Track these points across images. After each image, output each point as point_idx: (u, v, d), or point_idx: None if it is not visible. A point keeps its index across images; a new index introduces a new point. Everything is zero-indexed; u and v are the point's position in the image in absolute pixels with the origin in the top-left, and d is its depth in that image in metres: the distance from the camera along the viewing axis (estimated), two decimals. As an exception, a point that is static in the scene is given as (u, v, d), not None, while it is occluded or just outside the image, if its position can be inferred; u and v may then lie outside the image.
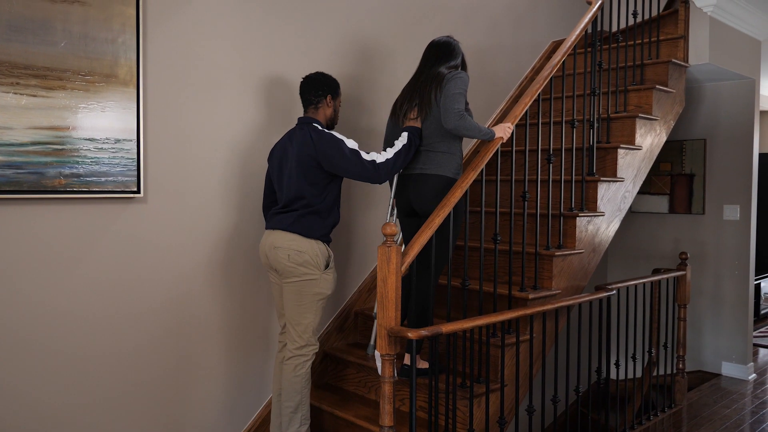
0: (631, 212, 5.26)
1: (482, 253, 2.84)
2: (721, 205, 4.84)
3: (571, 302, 2.94)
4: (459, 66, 2.99)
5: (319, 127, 2.81)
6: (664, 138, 3.97)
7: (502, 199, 3.61)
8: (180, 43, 2.87)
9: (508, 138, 2.89)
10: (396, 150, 2.80)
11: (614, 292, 3.22)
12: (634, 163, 3.69)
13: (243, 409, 3.19)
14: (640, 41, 4.06)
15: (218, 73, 3.01)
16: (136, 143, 2.71)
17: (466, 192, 2.69)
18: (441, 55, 2.95)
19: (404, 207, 2.99)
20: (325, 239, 2.82)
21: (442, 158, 2.85)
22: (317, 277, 2.78)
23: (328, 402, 3.16)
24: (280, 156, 2.88)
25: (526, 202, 3.01)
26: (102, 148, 2.62)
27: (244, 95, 3.11)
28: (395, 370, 2.31)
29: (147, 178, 2.79)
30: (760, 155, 6.64)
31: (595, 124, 3.48)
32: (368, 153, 2.78)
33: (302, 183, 2.76)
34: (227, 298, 3.10)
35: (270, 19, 3.18)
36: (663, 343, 4.17)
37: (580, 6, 4.92)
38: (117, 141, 2.66)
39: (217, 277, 3.06)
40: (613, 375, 4.95)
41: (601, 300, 3.22)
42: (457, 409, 2.70)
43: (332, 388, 3.37)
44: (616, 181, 3.53)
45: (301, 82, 2.92)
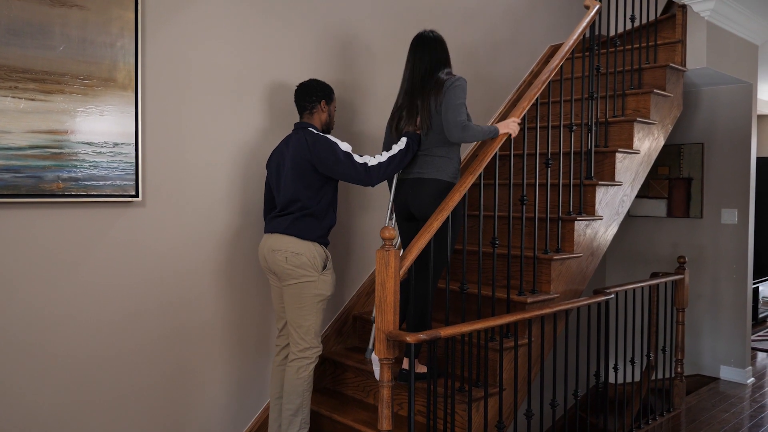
0: (630, 216, 5.26)
1: (481, 257, 2.85)
2: (719, 208, 4.85)
3: (569, 306, 2.94)
4: (449, 65, 2.94)
5: (314, 131, 2.83)
6: (662, 142, 3.97)
7: (501, 203, 3.61)
8: (179, 47, 2.88)
9: (512, 134, 2.89)
10: (391, 154, 2.81)
11: (612, 295, 3.22)
12: (632, 167, 3.69)
13: (242, 412, 3.19)
14: (638, 45, 4.07)
15: (217, 77, 3.01)
16: (134, 147, 2.71)
17: (465, 196, 2.70)
18: (432, 56, 2.89)
19: (402, 211, 2.99)
20: (322, 241, 2.83)
21: (439, 162, 2.85)
22: (315, 279, 2.78)
23: (327, 406, 3.16)
24: (277, 162, 2.90)
25: (524, 206, 3.01)
26: (100, 152, 2.62)
27: (243, 99, 3.11)
28: (393, 375, 2.31)
29: (145, 182, 2.79)
30: (758, 159, 6.65)
31: (593, 128, 3.48)
32: (362, 156, 2.80)
33: (297, 186, 2.78)
34: (226, 302, 3.10)
35: (268, 24, 3.19)
36: (661, 346, 4.17)
37: (578, 10, 4.93)
38: (115, 145, 2.66)
39: (216, 280, 3.05)
40: (611, 379, 4.95)
41: (599, 304, 3.22)
42: (455, 413, 2.69)
43: (331, 392, 3.37)
44: (614, 185, 3.53)
45: (296, 89, 2.95)
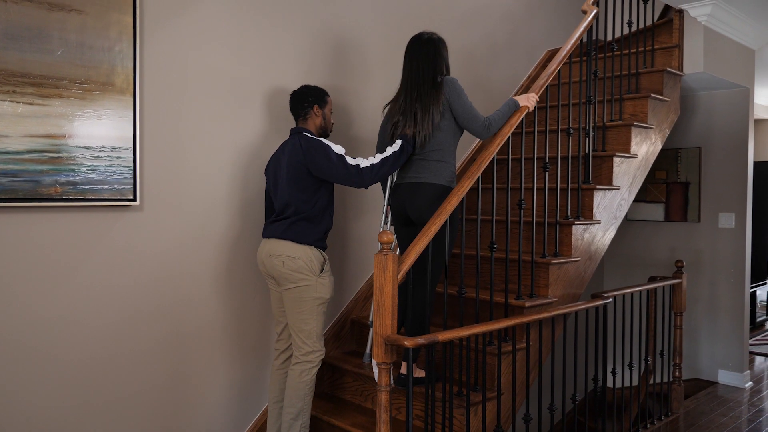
0: (627, 220, 5.27)
1: (479, 261, 2.85)
2: (717, 213, 4.86)
3: (567, 310, 2.94)
4: (447, 66, 2.94)
5: (309, 136, 2.86)
6: (659, 146, 3.98)
7: (499, 207, 3.61)
8: (177, 51, 2.88)
9: (529, 108, 2.95)
10: (384, 156, 2.82)
11: (610, 300, 3.22)
12: (630, 171, 3.70)
13: (240, 415, 3.18)
14: (635, 50, 4.09)
15: (215, 81, 3.02)
16: (132, 151, 2.71)
17: (462, 200, 2.70)
18: (430, 55, 2.87)
19: (400, 216, 2.99)
20: (319, 245, 2.83)
21: (436, 166, 2.85)
22: (313, 282, 2.79)
23: (325, 410, 3.15)
24: (274, 167, 2.92)
25: (522, 210, 3.02)
26: (98, 156, 2.62)
27: (241, 103, 3.12)
28: (392, 379, 2.31)
29: (143, 186, 2.79)
30: (755, 163, 6.67)
31: (591, 133, 3.49)
32: (355, 158, 2.82)
33: (292, 190, 2.79)
34: (225, 306, 3.09)
35: (266, 28, 3.19)
36: (659, 351, 4.17)
37: (576, 15, 4.95)
38: (113, 149, 2.66)
39: (215, 284, 3.05)
40: (609, 383, 4.95)
41: (597, 308, 3.22)
42: (453, 417, 2.69)
43: (328, 397, 3.36)
44: (612, 189, 3.54)
45: (289, 98, 2.98)
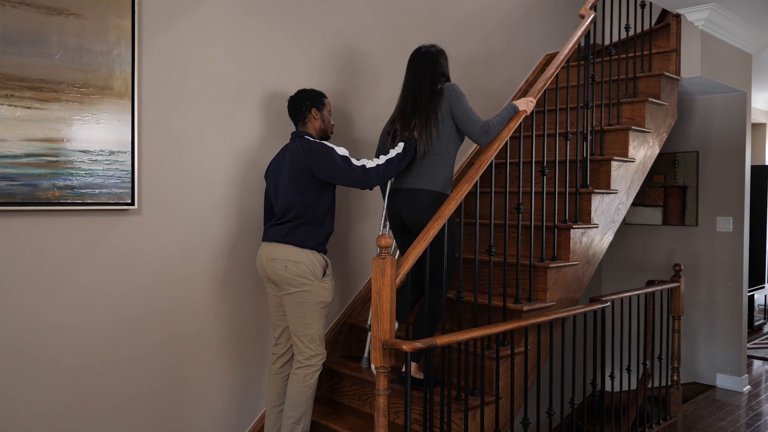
0: (625, 224, 5.28)
1: (477, 265, 2.84)
2: (714, 216, 4.86)
3: (565, 314, 2.94)
4: (447, 75, 2.98)
5: (310, 139, 2.86)
6: (657, 150, 3.99)
7: (497, 211, 3.61)
8: (175, 55, 2.88)
9: (527, 112, 2.97)
10: (389, 157, 2.83)
11: (608, 303, 3.22)
12: (628, 175, 3.71)
13: (238, 421, 3.17)
14: (633, 54, 4.10)
15: (213, 85, 3.02)
16: (130, 155, 2.70)
17: (461, 203, 2.70)
18: (430, 67, 2.91)
19: (396, 222, 3.00)
20: (320, 249, 2.83)
21: (432, 172, 2.86)
22: (315, 287, 2.79)
23: (323, 414, 3.14)
24: (275, 171, 2.91)
25: (520, 214, 3.02)
26: (96, 160, 2.62)
27: (240, 107, 3.12)
28: (389, 380, 2.30)
29: (141, 190, 2.79)
30: (752, 167, 6.69)
31: (589, 137, 3.50)
32: (359, 159, 2.82)
33: (294, 193, 2.79)
34: (222, 310, 3.09)
35: (266, 32, 3.20)
36: (657, 354, 4.17)
37: (573, 19, 4.96)
38: (111, 153, 2.66)
39: (213, 288, 3.05)
40: (608, 387, 4.94)
41: (595, 312, 3.22)
42: (452, 422, 2.68)
43: (327, 401, 3.35)
44: (610, 193, 3.54)
45: (287, 103, 2.98)
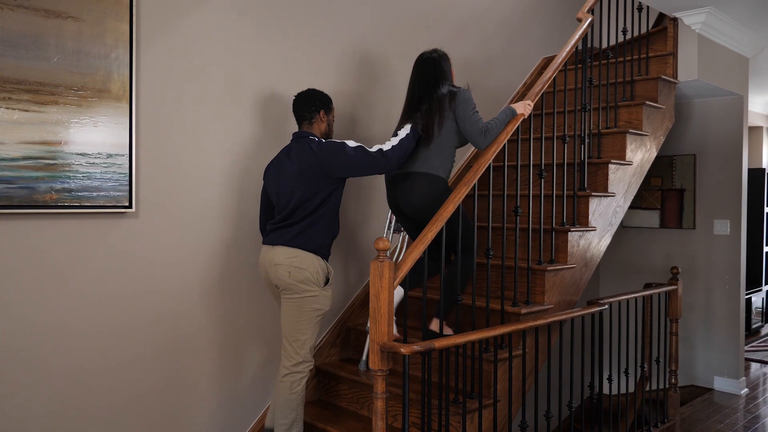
0: (623, 227, 5.29)
1: (475, 268, 2.85)
2: (712, 219, 4.87)
3: (563, 317, 2.94)
4: (451, 78, 3.02)
5: (317, 139, 2.84)
6: (654, 153, 4.00)
7: (495, 214, 3.62)
8: (173, 58, 2.88)
9: (524, 115, 2.96)
10: (400, 138, 2.85)
11: (606, 306, 3.22)
12: (625, 178, 3.71)
13: (236, 424, 3.16)
14: (630, 58, 4.11)
15: (212, 88, 3.02)
16: (128, 158, 2.70)
17: (458, 207, 2.70)
18: (433, 71, 2.96)
19: (397, 211, 3.04)
20: (325, 253, 2.82)
21: (428, 157, 2.89)
22: (317, 294, 2.78)
23: (320, 418, 3.14)
24: (277, 172, 2.88)
25: (518, 217, 3.02)
26: (94, 163, 2.61)
27: (238, 110, 3.12)
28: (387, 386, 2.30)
29: (139, 193, 2.78)
30: (749, 170, 6.70)
31: (586, 140, 3.50)
32: (370, 147, 2.83)
33: (304, 195, 2.76)
34: (220, 313, 3.08)
35: (264, 35, 3.20)
36: (655, 357, 4.17)
37: (571, 23, 4.97)
38: (109, 156, 2.65)
39: (211, 292, 3.04)
40: (606, 390, 4.94)
41: (593, 315, 3.22)
42: (450, 425, 2.68)
43: (325, 404, 3.35)
44: (608, 196, 3.55)
45: (294, 99, 2.94)
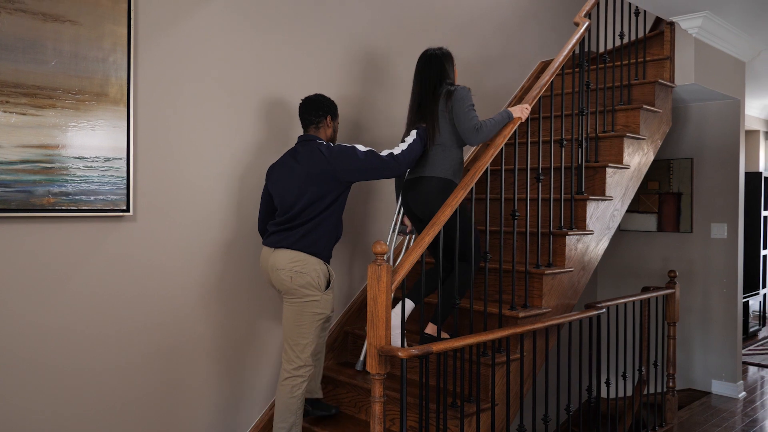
0: (620, 230, 5.29)
1: (473, 272, 2.85)
2: (709, 223, 4.88)
3: (561, 321, 2.94)
4: (453, 76, 3.05)
5: (325, 143, 2.85)
6: (651, 157, 4.01)
7: (492, 217, 3.62)
8: (171, 62, 2.88)
9: (521, 119, 2.97)
10: (408, 143, 2.88)
11: (604, 310, 3.23)
12: (623, 181, 3.72)
13: (234, 428, 3.15)
14: (627, 62, 4.12)
15: (210, 92, 3.02)
16: (126, 162, 2.70)
17: (456, 210, 2.70)
18: (431, 71, 2.99)
19: (408, 213, 3.07)
20: (327, 257, 2.84)
21: (436, 160, 2.92)
22: (318, 299, 2.78)
23: (319, 422, 3.13)
24: (282, 174, 2.87)
25: (515, 221, 3.02)
26: (91, 167, 2.61)
27: (236, 114, 3.12)
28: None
29: (137, 197, 2.78)
30: (746, 174, 6.71)
31: (584, 144, 3.51)
32: (382, 152, 2.86)
33: (312, 197, 2.77)
34: (218, 317, 3.08)
35: (262, 39, 3.20)
36: (653, 361, 4.17)
37: (568, 27, 4.99)
38: (107, 159, 2.65)
39: (208, 296, 3.04)
40: (603, 394, 4.94)
41: (591, 318, 3.22)
42: (447, 429, 2.68)
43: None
44: (605, 199, 3.55)
45: (301, 103, 2.96)
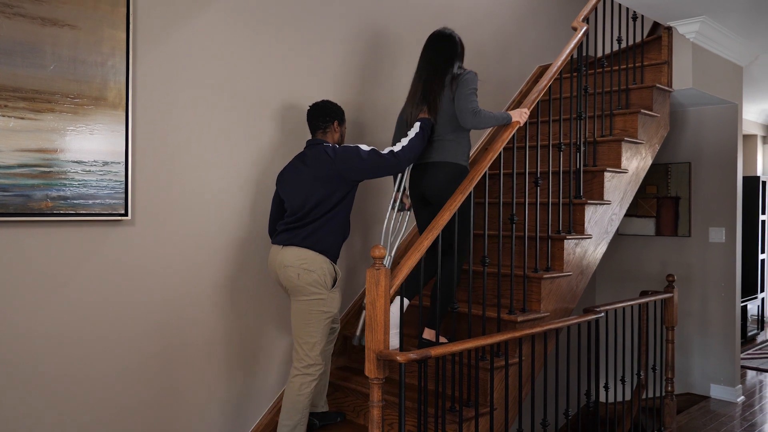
0: (618, 235, 5.29)
1: (471, 276, 2.85)
2: (707, 227, 4.89)
3: (559, 325, 2.94)
4: (462, 62, 3.11)
5: (331, 145, 2.92)
6: (649, 161, 4.01)
7: (491, 221, 3.62)
8: (170, 66, 2.88)
9: (520, 123, 3.00)
10: (410, 138, 2.92)
11: (602, 314, 3.23)
12: (621, 186, 3.72)
13: (233, 431, 3.15)
14: (625, 66, 4.13)
15: (208, 96, 3.02)
16: (124, 166, 2.70)
17: (455, 214, 2.70)
18: (444, 51, 3.06)
19: (417, 197, 3.11)
20: (334, 255, 2.88)
21: (450, 146, 2.99)
22: (325, 297, 2.82)
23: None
24: (291, 177, 2.94)
25: (514, 225, 3.03)
26: (90, 171, 2.61)
27: (235, 118, 3.12)
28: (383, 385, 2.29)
29: (135, 201, 2.78)
30: (744, 178, 6.73)
31: (582, 148, 3.51)
32: (383, 150, 2.90)
33: (319, 197, 2.82)
34: (217, 321, 3.07)
35: (261, 43, 3.20)
36: (652, 365, 4.17)
37: (566, 32, 5.00)
38: (105, 163, 2.65)
39: (206, 300, 3.03)
40: (602, 398, 4.94)
41: (589, 322, 3.22)
42: (446, 433, 2.67)
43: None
44: (603, 203, 3.55)
45: (309, 109, 3.03)
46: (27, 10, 2.44)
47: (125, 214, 2.71)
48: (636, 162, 3.86)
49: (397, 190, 3.20)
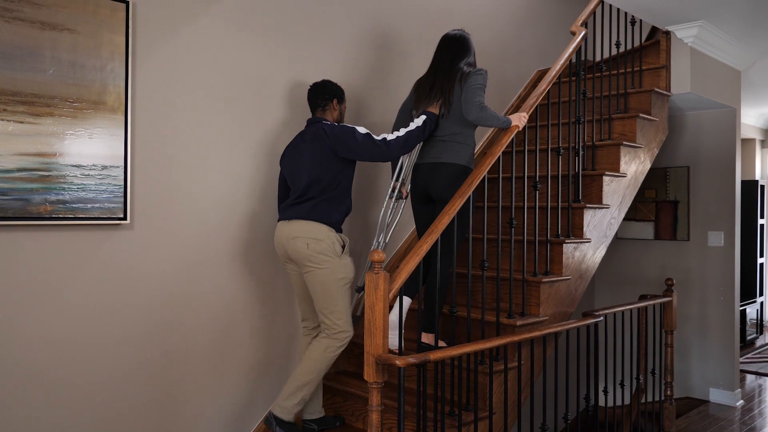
0: (617, 238, 5.30)
1: (470, 280, 2.85)
2: (706, 231, 4.89)
3: (558, 329, 2.94)
4: (475, 62, 3.18)
5: (329, 123, 2.98)
6: (648, 165, 4.02)
7: (490, 225, 3.62)
8: (169, 70, 2.89)
9: (519, 127, 3.03)
10: (409, 130, 2.97)
11: (601, 318, 3.23)
12: (619, 190, 3.73)
13: (228, 438, 3.14)
14: (624, 71, 4.14)
15: (208, 99, 3.02)
16: (123, 170, 2.70)
17: (454, 218, 2.70)
18: (457, 50, 3.13)
19: (420, 195, 3.14)
20: (339, 227, 2.93)
21: (456, 147, 3.02)
22: (335, 264, 2.86)
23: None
24: (292, 155, 3.01)
25: (513, 229, 3.03)
26: (89, 175, 2.61)
27: (235, 122, 3.12)
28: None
29: (134, 205, 2.78)
30: (743, 182, 6.74)
31: (581, 152, 3.52)
32: (379, 135, 2.95)
33: (318, 171, 2.89)
34: (216, 325, 3.07)
35: (260, 46, 3.21)
36: (651, 369, 4.17)
37: (565, 36, 5.01)
38: (104, 167, 2.65)
39: (205, 304, 3.03)
40: (601, 402, 4.93)
41: (588, 326, 3.22)
42: (445, 437, 2.67)
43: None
44: (602, 207, 3.56)
45: (309, 88, 3.09)
46: (26, 14, 2.45)
47: (124, 218, 2.71)
48: (635, 166, 3.87)
49: (396, 180, 3.22)
